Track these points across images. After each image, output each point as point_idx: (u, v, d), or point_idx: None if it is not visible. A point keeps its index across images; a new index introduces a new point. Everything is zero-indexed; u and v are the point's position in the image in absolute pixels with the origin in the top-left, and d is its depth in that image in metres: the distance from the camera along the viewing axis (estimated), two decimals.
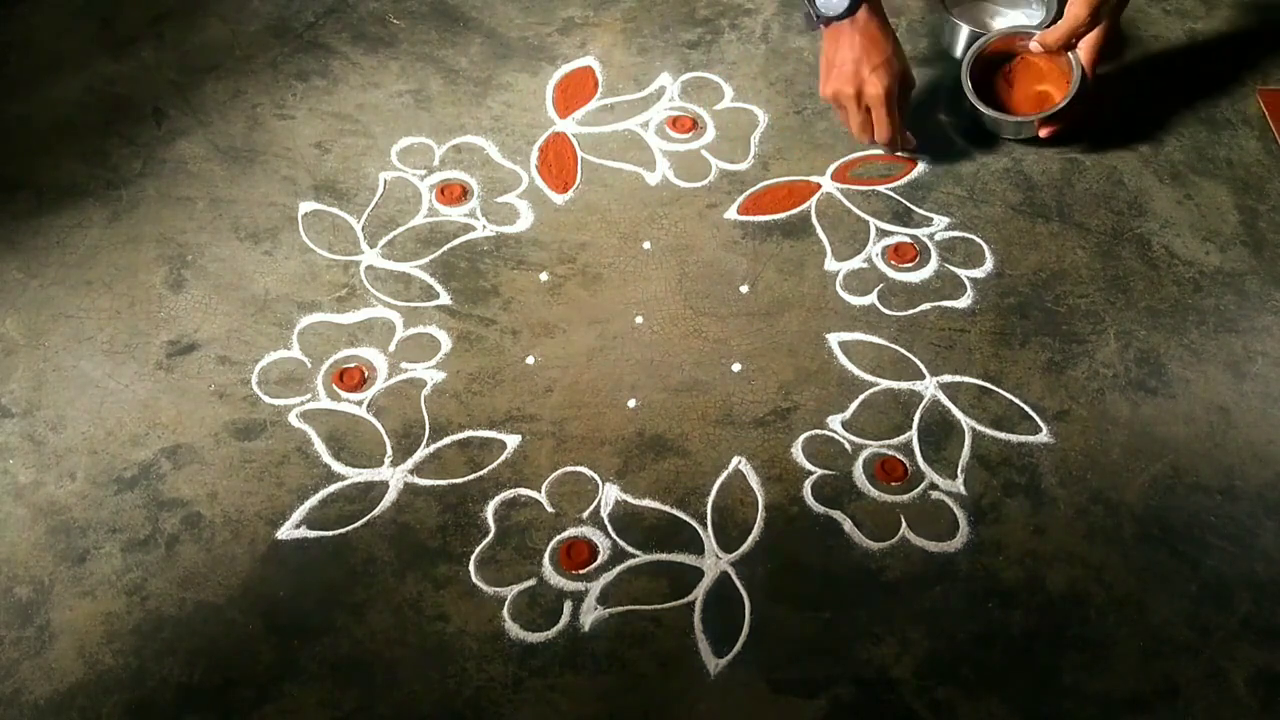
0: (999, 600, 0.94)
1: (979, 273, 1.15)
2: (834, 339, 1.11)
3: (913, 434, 1.04)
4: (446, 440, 1.05)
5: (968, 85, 1.21)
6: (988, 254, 1.16)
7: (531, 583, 0.96)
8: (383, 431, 1.05)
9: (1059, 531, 0.98)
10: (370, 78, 1.35)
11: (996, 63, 1.24)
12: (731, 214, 1.21)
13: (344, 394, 1.08)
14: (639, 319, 1.13)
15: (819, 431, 1.04)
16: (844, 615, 0.94)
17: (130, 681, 0.92)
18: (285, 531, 1.00)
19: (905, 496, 1.00)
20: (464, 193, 1.24)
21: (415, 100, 1.32)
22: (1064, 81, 1.20)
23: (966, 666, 0.91)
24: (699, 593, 0.95)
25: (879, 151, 1.25)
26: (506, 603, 0.95)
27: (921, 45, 1.36)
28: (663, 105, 1.31)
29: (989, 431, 1.04)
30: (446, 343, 1.12)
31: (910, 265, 1.16)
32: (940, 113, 1.30)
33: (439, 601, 0.95)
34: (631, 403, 1.07)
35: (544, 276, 1.17)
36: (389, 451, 1.04)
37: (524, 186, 1.24)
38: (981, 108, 1.20)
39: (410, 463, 1.03)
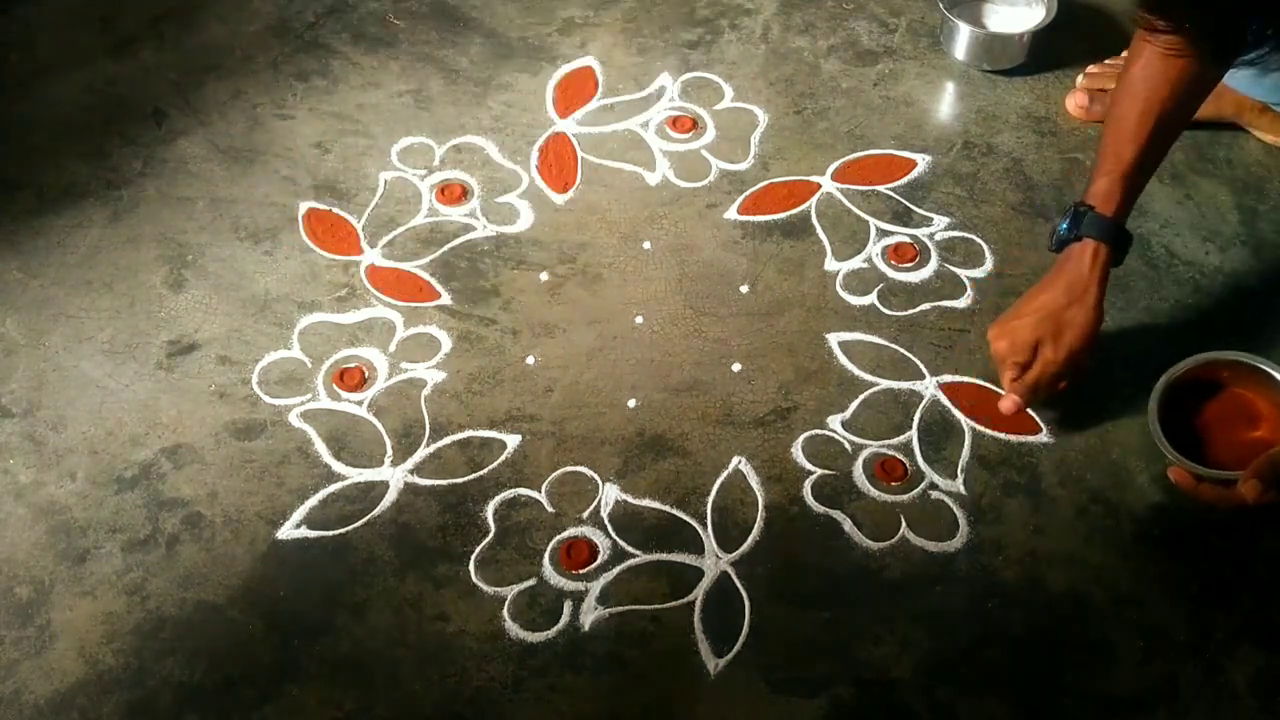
0: (999, 600, 0.94)
1: (979, 273, 1.15)
2: (834, 339, 1.11)
3: (913, 434, 1.04)
4: (446, 440, 1.05)
5: (1158, 433, 0.92)
6: (988, 254, 1.16)
7: (531, 582, 0.96)
8: (383, 431, 1.05)
9: (1059, 531, 0.98)
10: (370, 78, 1.35)
11: (1198, 388, 0.97)
12: (731, 214, 1.21)
13: (344, 394, 1.08)
14: (639, 319, 1.13)
15: (819, 431, 1.04)
16: (844, 615, 0.94)
17: (130, 681, 0.92)
18: (285, 531, 0.99)
19: (905, 496, 1.00)
20: (464, 193, 1.24)
21: (415, 100, 1.32)
22: None
23: (966, 666, 0.91)
24: (699, 592, 0.95)
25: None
26: (506, 602, 0.95)
27: (921, 45, 1.36)
28: (663, 105, 1.31)
29: (989, 431, 1.04)
30: (447, 343, 1.12)
31: (910, 265, 1.16)
32: (940, 107, 1.30)
33: (439, 601, 0.95)
34: (631, 403, 1.07)
35: (544, 276, 1.17)
36: (389, 451, 1.04)
37: (524, 186, 1.24)
38: (1173, 455, 0.91)
39: (410, 463, 1.03)
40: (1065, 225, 0.98)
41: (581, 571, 0.96)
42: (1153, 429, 0.93)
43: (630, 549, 0.98)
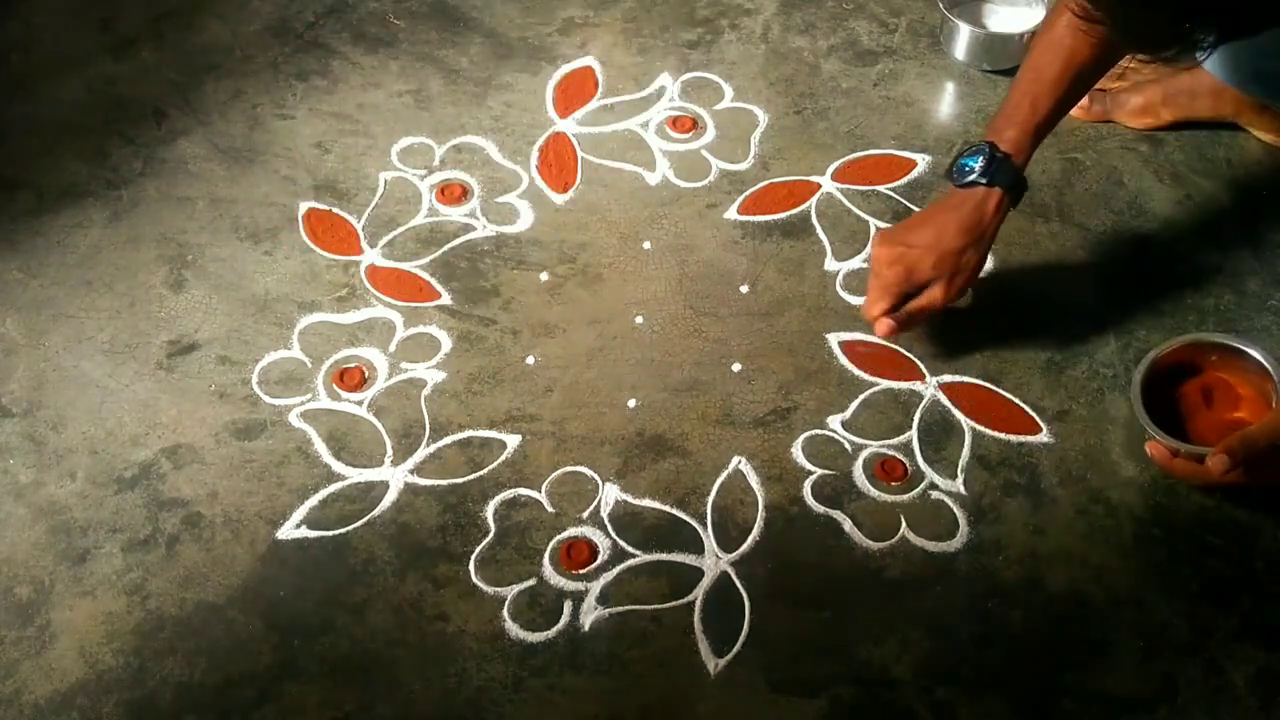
0: (999, 600, 0.94)
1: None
2: (834, 339, 1.11)
3: (913, 434, 1.04)
4: (447, 440, 1.05)
5: (1140, 409, 0.95)
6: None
7: (531, 582, 0.96)
8: (383, 431, 1.05)
9: (1059, 531, 0.98)
10: (370, 78, 1.35)
11: (1184, 370, 0.99)
12: (731, 214, 1.21)
13: (344, 394, 1.08)
14: (639, 319, 1.13)
15: (819, 431, 1.04)
16: (844, 615, 0.94)
17: (130, 681, 0.92)
18: (285, 531, 0.99)
19: (905, 496, 1.00)
20: (464, 193, 1.24)
21: (415, 100, 1.32)
22: (1263, 412, 0.94)
23: (966, 666, 0.91)
24: (699, 592, 0.95)
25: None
26: (506, 602, 0.95)
27: (921, 45, 1.36)
28: (663, 105, 1.31)
29: (989, 431, 1.04)
30: (447, 343, 1.12)
31: None
32: (940, 107, 1.30)
33: (439, 601, 0.95)
34: (631, 403, 1.07)
35: (544, 276, 1.17)
36: (389, 451, 1.04)
37: (524, 186, 1.24)
38: (1152, 428, 0.94)
39: (410, 462, 1.03)
40: (978, 166, 1.00)
41: (581, 571, 0.96)
42: (1135, 404, 0.96)
43: (630, 549, 0.98)
